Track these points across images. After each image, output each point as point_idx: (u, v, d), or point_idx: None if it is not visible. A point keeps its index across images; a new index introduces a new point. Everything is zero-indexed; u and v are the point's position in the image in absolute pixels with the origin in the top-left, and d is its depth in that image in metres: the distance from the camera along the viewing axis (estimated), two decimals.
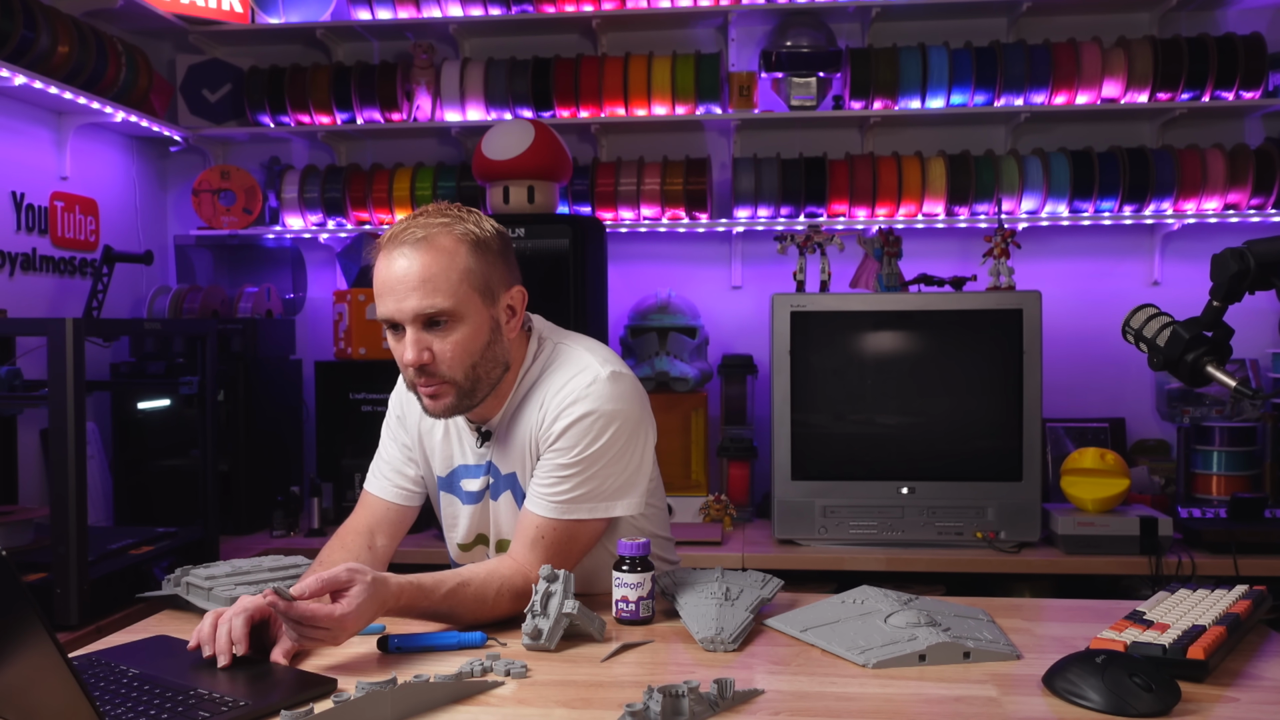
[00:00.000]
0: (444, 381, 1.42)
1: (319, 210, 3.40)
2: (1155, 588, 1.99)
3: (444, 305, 1.38)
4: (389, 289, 1.40)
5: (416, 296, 1.38)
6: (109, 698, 1.15)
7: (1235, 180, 3.09)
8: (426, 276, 1.38)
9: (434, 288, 1.38)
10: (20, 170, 2.86)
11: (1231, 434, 2.98)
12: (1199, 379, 1.25)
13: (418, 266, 1.38)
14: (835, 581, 2.65)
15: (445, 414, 1.47)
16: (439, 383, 1.42)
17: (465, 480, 1.61)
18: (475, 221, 1.44)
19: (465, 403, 1.46)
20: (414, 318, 1.39)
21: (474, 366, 1.43)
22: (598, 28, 3.29)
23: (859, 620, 1.41)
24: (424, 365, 1.41)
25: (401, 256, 1.39)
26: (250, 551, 2.54)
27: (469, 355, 1.42)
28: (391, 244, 1.41)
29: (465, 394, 1.44)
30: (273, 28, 3.37)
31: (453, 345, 1.40)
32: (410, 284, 1.38)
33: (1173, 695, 1.13)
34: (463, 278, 1.39)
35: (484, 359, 1.44)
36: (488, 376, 1.46)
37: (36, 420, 2.77)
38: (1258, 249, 1.19)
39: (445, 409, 1.45)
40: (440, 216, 1.42)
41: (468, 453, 1.60)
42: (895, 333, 2.79)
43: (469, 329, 1.41)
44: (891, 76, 3.14)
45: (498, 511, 1.59)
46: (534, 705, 1.17)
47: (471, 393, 1.45)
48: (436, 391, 1.43)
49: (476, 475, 1.60)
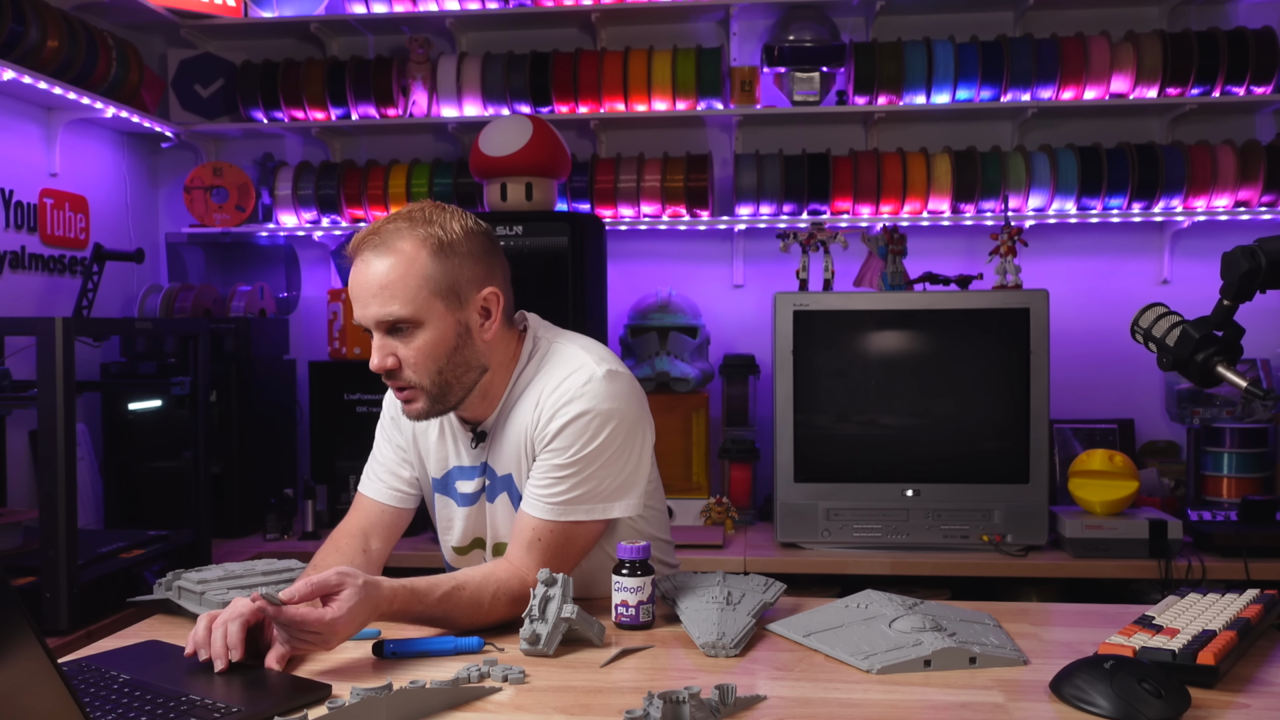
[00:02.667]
0: (411, 387, 1.45)
1: (313, 207, 3.40)
2: (1165, 592, 1.99)
3: (401, 313, 1.40)
4: (355, 295, 1.43)
5: (376, 303, 1.40)
6: (99, 704, 1.14)
7: (1246, 177, 3.09)
8: (385, 283, 1.40)
9: (391, 295, 1.39)
10: (9, 167, 2.86)
11: (1242, 435, 2.98)
12: (1209, 379, 1.25)
13: (378, 273, 1.40)
14: (839, 585, 2.65)
15: (419, 417, 1.49)
16: (408, 387, 1.45)
17: (460, 482, 1.61)
18: (442, 223, 1.43)
19: (438, 407, 1.47)
20: (375, 324, 1.42)
21: (439, 371, 1.44)
22: (597, 21, 3.29)
23: (863, 625, 1.40)
24: (390, 370, 1.43)
25: (363, 262, 1.42)
26: (243, 555, 2.54)
27: (433, 361, 1.43)
28: (358, 248, 1.43)
29: (435, 399, 1.46)
30: (266, 22, 3.37)
31: (415, 351, 1.42)
32: (371, 290, 1.40)
33: (1183, 701, 1.13)
34: (422, 284, 1.40)
35: (451, 363, 1.44)
36: (459, 381, 1.47)
37: (26, 421, 2.77)
38: (1269, 247, 1.19)
39: (418, 413, 1.47)
40: (404, 220, 1.43)
41: (463, 454, 1.60)
42: (900, 332, 2.79)
43: (432, 335, 1.42)
44: (896, 71, 3.14)
45: (494, 514, 1.59)
46: (532, 711, 1.16)
47: (442, 397, 1.46)
48: (408, 396, 1.46)
49: (472, 477, 1.60)
